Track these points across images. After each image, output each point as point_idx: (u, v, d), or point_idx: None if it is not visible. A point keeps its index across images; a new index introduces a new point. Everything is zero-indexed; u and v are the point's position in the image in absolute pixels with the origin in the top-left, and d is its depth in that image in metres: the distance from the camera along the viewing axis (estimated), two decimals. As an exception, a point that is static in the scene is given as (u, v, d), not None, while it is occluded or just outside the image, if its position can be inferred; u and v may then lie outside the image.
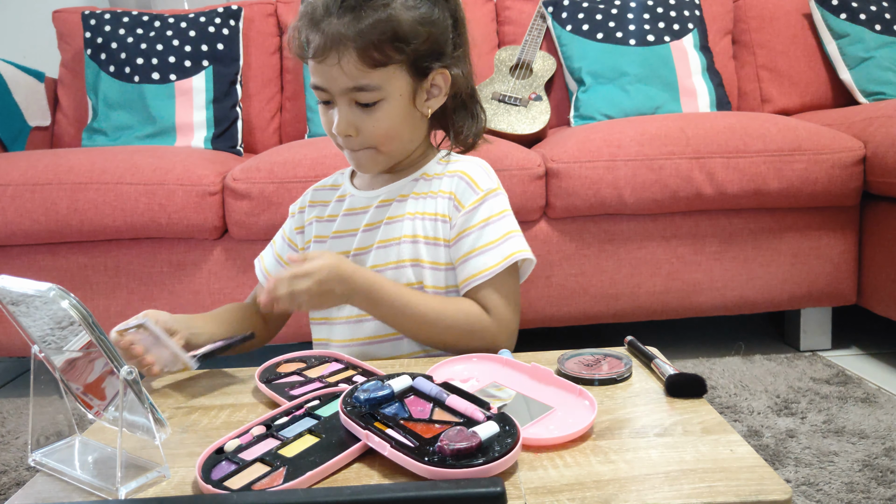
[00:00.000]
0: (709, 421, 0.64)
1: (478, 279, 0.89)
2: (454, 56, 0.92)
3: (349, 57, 0.83)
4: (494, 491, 0.46)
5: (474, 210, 0.91)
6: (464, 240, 0.91)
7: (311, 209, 1.03)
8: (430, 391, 0.64)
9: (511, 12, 2.03)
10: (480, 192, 0.92)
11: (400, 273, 0.93)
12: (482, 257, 0.90)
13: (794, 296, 1.50)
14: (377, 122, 0.87)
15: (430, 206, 0.94)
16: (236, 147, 1.88)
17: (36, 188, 1.38)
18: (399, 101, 0.88)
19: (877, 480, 0.96)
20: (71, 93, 1.97)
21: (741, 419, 1.17)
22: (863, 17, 1.86)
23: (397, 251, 0.93)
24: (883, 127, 1.40)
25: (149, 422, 0.57)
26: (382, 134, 0.88)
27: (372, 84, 0.85)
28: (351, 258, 0.95)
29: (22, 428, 1.29)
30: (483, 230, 0.91)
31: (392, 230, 0.94)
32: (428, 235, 0.93)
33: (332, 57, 0.83)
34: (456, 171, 0.95)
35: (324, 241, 0.99)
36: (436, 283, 0.93)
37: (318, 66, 0.85)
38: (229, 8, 1.96)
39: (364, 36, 0.82)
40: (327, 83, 0.86)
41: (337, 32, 0.83)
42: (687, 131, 1.41)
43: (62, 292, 0.55)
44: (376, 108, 0.87)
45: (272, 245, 1.08)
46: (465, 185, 0.93)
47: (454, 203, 0.93)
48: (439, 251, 0.93)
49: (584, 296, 1.46)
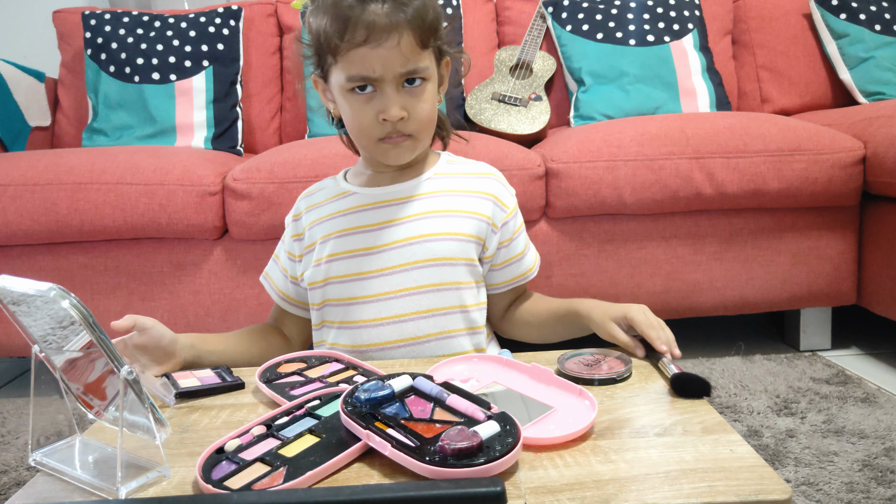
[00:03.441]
0: (709, 421, 0.64)
1: (534, 272, 1.03)
2: (457, 47, 0.98)
3: (408, 38, 0.85)
4: (494, 490, 0.46)
5: (517, 213, 1.01)
6: (516, 240, 1.00)
7: (307, 214, 1.00)
8: (430, 391, 0.65)
9: (511, 12, 2.03)
10: (513, 193, 1.01)
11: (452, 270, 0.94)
12: (530, 253, 1.03)
13: (794, 296, 1.50)
14: (424, 103, 0.90)
15: (472, 205, 0.96)
16: (236, 147, 1.88)
17: (36, 188, 1.38)
18: (433, 85, 0.92)
19: (877, 480, 0.96)
20: (71, 93, 1.97)
21: (741, 419, 1.17)
22: (863, 17, 1.86)
23: (450, 248, 0.93)
24: (883, 127, 1.40)
25: (149, 422, 0.57)
26: (427, 116, 0.91)
27: (422, 66, 0.88)
28: (372, 256, 0.93)
29: (22, 428, 1.29)
30: (518, 238, 1.00)
31: (435, 225, 0.94)
32: (472, 234, 0.95)
33: (392, 39, 0.84)
34: (487, 172, 1.01)
35: (328, 240, 0.95)
36: (475, 277, 0.97)
37: (371, 51, 0.85)
38: (229, 8, 1.96)
39: (417, 19, 0.86)
40: (382, 68, 0.86)
41: (392, 15, 0.84)
42: (687, 131, 1.41)
43: (63, 292, 0.55)
44: (421, 90, 0.89)
45: (276, 261, 1.05)
46: (502, 187, 1.00)
47: (498, 205, 0.98)
48: (479, 248, 0.96)
49: (584, 295, 1.46)
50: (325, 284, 0.95)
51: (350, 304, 0.94)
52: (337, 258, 0.94)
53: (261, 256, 1.42)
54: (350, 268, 0.94)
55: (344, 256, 0.94)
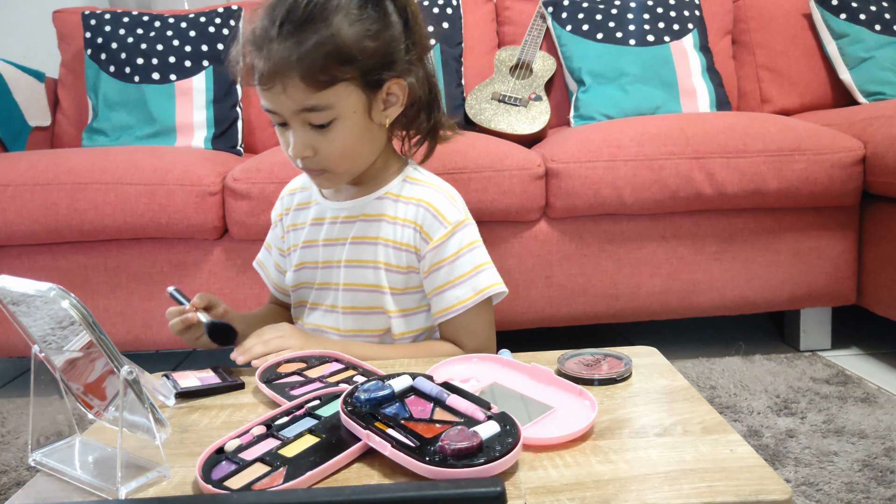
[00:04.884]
0: (709, 421, 0.64)
1: (451, 312, 0.91)
2: (407, 61, 0.88)
3: (294, 83, 0.80)
4: (494, 491, 0.46)
5: (444, 244, 0.92)
6: (436, 273, 0.92)
7: (286, 216, 1.04)
8: (430, 391, 0.65)
9: (511, 12, 2.03)
10: (448, 224, 0.92)
11: (369, 296, 0.94)
12: (455, 290, 0.91)
13: (794, 296, 1.50)
14: (333, 141, 0.85)
15: (394, 234, 0.93)
16: (236, 147, 1.88)
17: (36, 188, 1.38)
18: (354, 117, 0.85)
19: (876, 480, 0.96)
20: (71, 93, 1.97)
21: (741, 419, 1.17)
22: (863, 17, 1.86)
23: (366, 275, 0.94)
24: (883, 127, 1.40)
25: (149, 422, 0.57)
26: (339, 153, 0.87)
27: (321, 104, 0.82)
28: (320, 269, 0.97)
29: (22, 428, 1.29)
30: (454, 263, 0.92)
31: (361, 251, 0.94)
32: (390, 263, 0.93)
33: (277, 85, 0.81)
34: (421, 199, 0.93)
35: (295, 250, 1.01)
36: (400, 306, 0.95)
37: (263, 92, 0.83)
38: (229, 8, 1.96)
39: (307, 59, 0.79)
40: (276, 108, 0.84)
41: (279, 59, 0.80)
42: (687, 131, 1.41)
43: (62, 292, 0.55)
44: (331, 128, 0.84)
45: (268, 250, 1.09)
46: (432, 218, 0.92)
47: (421, 235, 0.92)
48: (402, 278, 0.94)
49: (584, 296, 1.46)
50: (297, 288, 1.03)
51: (308, 307, 1.02)
52: (300, 267, 1.01)
53: (261, 256, 1.42)
54: (309, 276, 1.00)
55: (304, 267, 1.00)
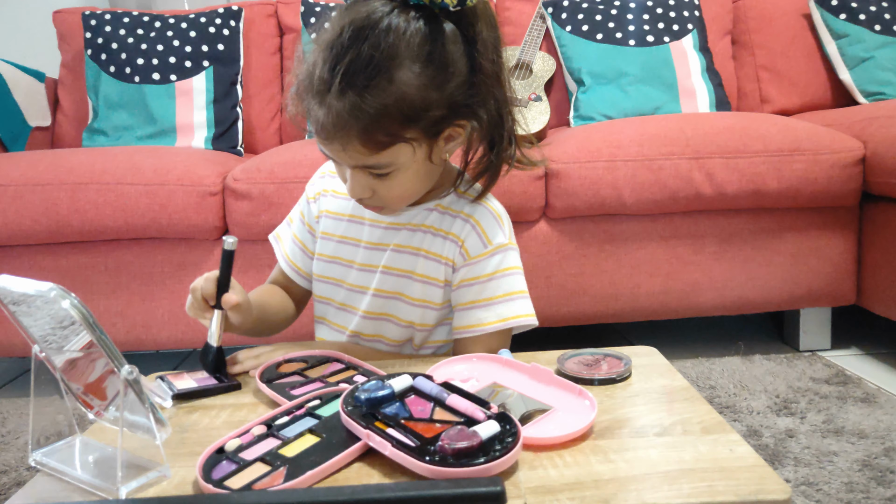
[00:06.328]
0: (708, 421, 0.64)
1: (469, 332, 0.89)
2: (473, 102, 0.80)
3: (354, 144, 0.76)
4: (494, 490, 0.46)
5: (480, 262, 0.89)
6: (467, 289, 0.90)
7: (323, 197, 1.00)
8: (430, 391, 0.65)
9: (511, 13, 2.03)
10: (489, 245, 0.89)
11: (401, 306, 0.93)
12: (480, 311, 0.89)
13: (794, 296, 1.50)
14: (392, 188, 0.82)
15: (436, 247, 0.91)
16: (237, 147, 1.88)
17: (36, 188, 1.38)
18: (413, 165, 0.81)
19: (876, 480, 0.96)
20: (71, 93, 1.97)
21: (741, 419, 1.17)
22: (862, 17, 1.86)
23: (402, 285, 0.92)
24: (883, 127, 1.40)
25: (149, 421, 0.57)
26: (398, 196, 0.85)
27: (381, 163, 0.78)
28: (355, 270, 0.95)
29: (22, 428, 1.29)
30: (486, 284, 0.89)
31: (401, 260, 0.92)
32: (429, 275, 0.91)
33: (335, 143, 0.77)
34: (469, 215, 0.90)
35: (331, 239, 0.98)
36: (429, 319, 0.93)
37: (322, 142, 0.79)
38: (230, 8, 1.96)
39: (368, 122, 0.74)
40: (335, 157, 0.81)
41: (338, 117, 0.74)
42: (686, 131, 1.41)
43: (63, 292, 0.55)
44: (390, 177, 0.81)
45: (289, 224, 1.04)
46: (476, 236, 0.90)
47: (461, 251, 0.90)
48: (439, 291, 0.92)
49: (583, 296, 1.46)
50: (323, 281, 1.00)
51: (335, 305, 0.99)
52: (332, 261, 0.98)
53: (261, 256, 1.42)
54: (341, 274, 0.97)
55: (337, 262, 0.98)
